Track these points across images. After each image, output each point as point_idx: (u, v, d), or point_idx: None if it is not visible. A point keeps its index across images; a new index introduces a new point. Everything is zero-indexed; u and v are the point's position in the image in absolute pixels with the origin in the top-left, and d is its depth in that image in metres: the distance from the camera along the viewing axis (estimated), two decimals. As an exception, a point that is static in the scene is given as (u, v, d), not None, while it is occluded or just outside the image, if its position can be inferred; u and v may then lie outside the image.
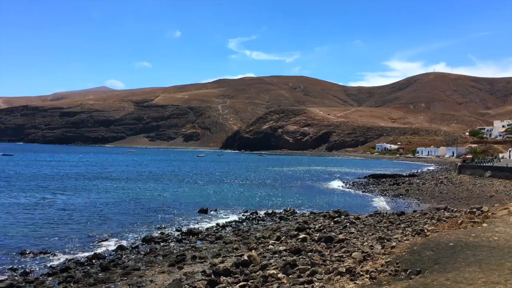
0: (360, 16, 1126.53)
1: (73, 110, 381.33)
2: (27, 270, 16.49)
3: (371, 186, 54.96)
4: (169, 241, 21.77)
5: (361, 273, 13.07)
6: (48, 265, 17.34)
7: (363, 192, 48.80)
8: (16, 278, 15.63)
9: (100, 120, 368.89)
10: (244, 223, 27.29)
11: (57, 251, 19.42)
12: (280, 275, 13.76)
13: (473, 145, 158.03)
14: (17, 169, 72.76)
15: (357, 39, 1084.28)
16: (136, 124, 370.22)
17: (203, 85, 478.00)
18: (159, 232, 24.04)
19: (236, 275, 14.40)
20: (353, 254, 15.62)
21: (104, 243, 21.36)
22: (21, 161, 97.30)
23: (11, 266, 16.87)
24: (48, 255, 18.75)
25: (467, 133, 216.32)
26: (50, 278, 15.57)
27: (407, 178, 65.09)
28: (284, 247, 18.31)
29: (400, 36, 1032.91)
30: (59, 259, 18.30)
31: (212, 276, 14.28)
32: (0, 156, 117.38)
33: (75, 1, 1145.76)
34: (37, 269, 16.84)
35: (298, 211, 31.78)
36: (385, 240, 18.08)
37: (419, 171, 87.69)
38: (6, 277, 15.78)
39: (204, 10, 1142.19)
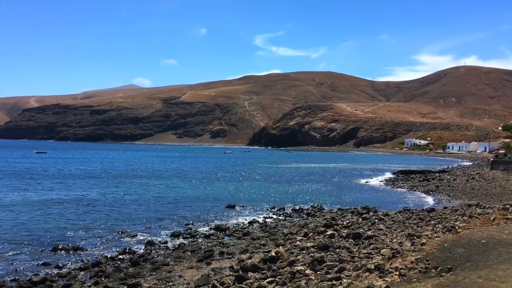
0: (387, 10, 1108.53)
1: (102, 108, 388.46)
2: (60, 264, 16.91)
3: (400, 182, 54.19)
4: (197, 237, 21.97)
5: (390, 270, 12.92)
6: (80, 259, 17.75)
7: (392, 188, 48.16)
8: (50, 272, 16.05)
9: (129, 118, 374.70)
10: (271, 219, 27.30)
11: (88, 246, 19.84)
12: (308, 271, 13.73)
13: (506, 140, 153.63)
14: (49, 166, 74.64)
15: (383, 33, 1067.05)
16: (164, 121, 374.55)
17: (230, 82, 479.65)
18: (187, 228, 24.29)
19: (263, 271, 14.43)
20: (382, 251, 15.44)
21: (133, 238, 21.71)
22: (53, 159, 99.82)
23: (44, 261, 17.32)
24: (79, 250, 19.16)
25: (499, 128, 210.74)
26: (82, 273, 15.93)
27: (437, 174, 63.85)
28: (312, 244, 18.23)
29: (430, 29, 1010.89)
30: (90, 254, 18.70)
31: (240, 272, 14.34)
32: (34, 154, 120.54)
33: (105, 1, 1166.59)
34: (69, 263, 17.25)
35: (325, 208, 31.59)
36: (415, 237, 17.80)
37: (449, 167, 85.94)
38: (40, 271, 16.23)
39: (229, 7, 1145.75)
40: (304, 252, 17.03)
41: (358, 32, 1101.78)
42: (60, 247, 19.32)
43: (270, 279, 13.21)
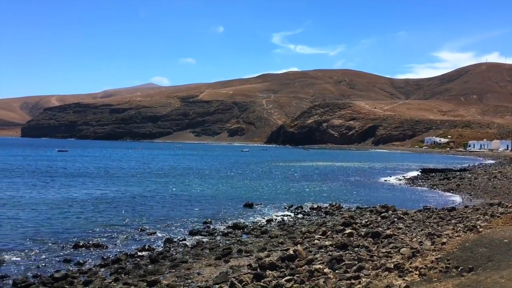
0: (405, 6, 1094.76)
1: (122, 107, 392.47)
2: (81, 261, 17.17)
3: (419, 180, 53.56)
4: (215, 234, 22.07)
5: (410, 269, 12.78)
6: (100, 256, 17.99)
7: (411, 186, 47.64)
8: (71, 268, 16.30)
9: (148, 116, 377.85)
10: (289, 218, 27.27)
11: (108, 244, 20.09)
12: (326, 270, 13.66)
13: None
14: (69, 164, 75.75)
15: (401, 30, 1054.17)
16: (182, 119, 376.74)
17: (247, 80, 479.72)
18: (205, 226, 24.41)
19: (281, 269, 14.42)
20: (402, 250, 15.28)
21: (152, 236, 21.91)
22: (74, 157, 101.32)
23: (65, 258, 17.60)
24: (99, 247, 19.42)
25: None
26: (102, 269, 16.15)
27: (458, 173, 62.89)
28: (330, 242, 18.15)
29: (450, 26, 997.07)
30: (110, 251, 18.94)
31: (258, 270, 14.36)
32: (56, 152, 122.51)
33: (124, 1, 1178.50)
34: (90, 260, 17.50)
35: (344, 206, 31.42)
36: (435, 236, 17.57)
37: (470, 165, 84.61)
38: (61, 268, 16.51)
39: (247, 5, 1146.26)
40: (322, 250, 16.96)
41: (376, 29, 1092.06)
42: (80, 244, 19.60)
43: (288, 277, 13.19)
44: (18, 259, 17.47)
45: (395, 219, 23.53)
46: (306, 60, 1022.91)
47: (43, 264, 16.86)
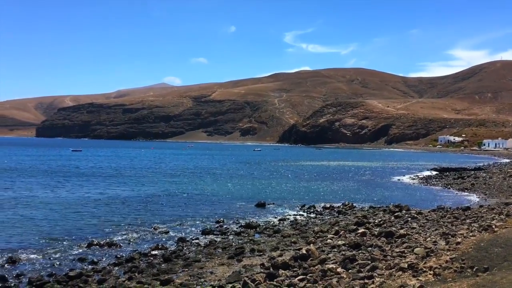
0: (417, 4, 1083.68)
1: (135, 107, 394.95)
2: (95, 260, 17.33)
3: (433, 180, 53.10)
4: (228, 234, 22.11)
5: (424, 269, 12.68)
6: (114, 255, 18.13)
7: (425, 186, 47.26)
8: (85, 267, 16.47)
9: (160, 116, 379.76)
10: (302, 217, 27.22)
11: (122, 242, 20.25)
12: (339, 269, 13.61)
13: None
14: (83, 164, 76.43)
15: (414, 28, 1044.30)
16: (195, 119, 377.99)
17: (259, 80, 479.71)
18: (217, 225, 24.47)
19: (294, 269, 14.40)
20: (416, 249, 15.17)
21: (165, 235, 22.02)
22: (88, 157, 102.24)
23: (80, 256, 17.77)
24: (113, 246, 19.58)
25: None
26: (116, 268, 16.28)
27: (473, 172, 62.25)
28: (343, 242, 18.09)
29: (464, 23, 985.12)
30: (123, 250, 19.08)
31: (271, 269, 14.35)
32: (70, 152, 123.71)
33: (136, 1, 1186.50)
34: (104, 259, 17.65)
35: (356, 205, 31.28)
36: (450, 236, 17.41)
37: (485, 164, 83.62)
38: (76, 266, 16.67)
39: (258, 5, 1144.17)
40: (335, 250, 16.91)
41: (389, 27, 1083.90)
42: (94, 243, 19.78)
43: (301, 277, 13.16)
44: (33, 257, 17.69)
45: (409, 219, 23.36)
46: (318, 59, 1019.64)
47: (58, 263, 17.05)
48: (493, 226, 18.23)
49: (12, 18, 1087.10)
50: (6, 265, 16.62)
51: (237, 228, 23.40)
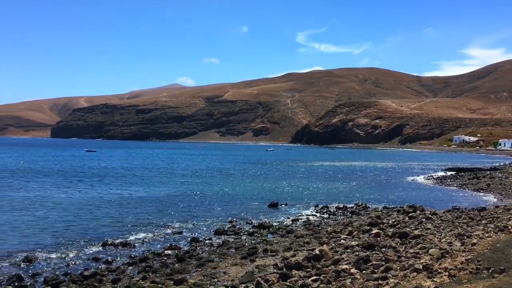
0: (431, 3, 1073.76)
1: (148, 107, 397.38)
2: (109, 259, 17.47)
3: (448, 180, 52.57)
4: (241, 234, 22.14)
5: (439, 270, 12.55)
6: (128, 255, 18.27)
7: (440, 186, 46.82)
8: (99, 267, 16.62)
9: (173, 116, 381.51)
10: (315, 218, 27.15)
11: (135, 242, 20.39)
12: (353, 270, 13.53)
13: None
14: (97, 165, 77.12)
15: (428, 27, 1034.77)
16: (207, 119, 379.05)
17: (272, 80, 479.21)
18: (230, 225, 24.51)
19: (308, 269, 14.36)
20: (430, 250, 15.02)
21: (179, 235, 22.12)
22: (102, 157, 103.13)
23: (94, 256, 17.94)
24: (127, 246, 19.72)
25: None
26: (130, 268, 16.40)
27: (488, 172, 61.50)
28: (357, 242, 17.99)
29: (479, 21, 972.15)
30: (137, 250, 19.22)
31: (284, 270, 14.33)
32: (84, 153, 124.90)
33: (149, 2, 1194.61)
34: (118, 258, 17.79)
35: (370, 206, 31.10)
36: (465, 237, 17.21)
37: (501, 164, 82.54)
38: (90, 266, 16.83)
39: (271, 4, 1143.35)
40: (349, 250, 16.82)
41: (402, 26, 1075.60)
42: (109, 243, 19.96)
43: (315, 277, 13.12)
44: (49, 257, 17.90)
45: (423, 219, 23.15)
46: (330, 58, 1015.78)
47: (73, 262, 17.23)
48: (510, 227, 17.99)
49: (27, 20, 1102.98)
50: (22, 265, 16.85)
51: (250, 229, 23.41)
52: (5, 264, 16.91)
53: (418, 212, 25.94)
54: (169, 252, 18.52)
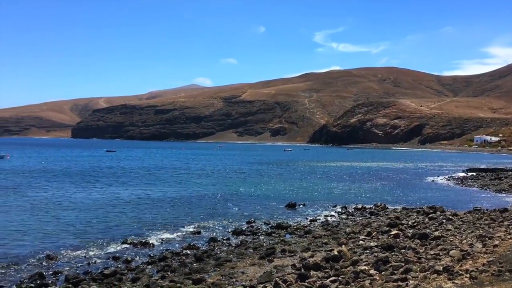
0: (451, 0, 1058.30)
1: (166, 108, 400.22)
2: (129, 258, 17.65)
3: (469, 180, 51.75)
4: (259, 234, 22.15)
5: (460, 272, 12.37)
6: (147, 254, 18.45)
7: (460, 187, 46.14)
8: (119, 265, 16.81)
9: (191, 117, 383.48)
10: (333, 218, 27.01)
11: (154, 242, 20.57)
12: (372, 271, 13.43)
13: None
14: (116, 164, 78.00)
15: (447, 26, 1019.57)
16: (225, 120, 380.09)
17: (289, 80, 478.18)
18: (248, 225, 24.56)
19: (326, 270, 14.29)
20: (451, 252, 14.82)
21: (197, 235, 22.24)
22: (122, 157, 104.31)
23: (114, 255, 18.15)
24: (146, 245, 19.92)
25: None
26: (149, 267, 16.55)
27: (511, 172, 60.33)
28: (375, 243, 17.85)
29: (500, 19, 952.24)
30: (156, 249, 19.39)
31: (302, 270, 14.29)
32: (104, 153, 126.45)
33: (167, 2, 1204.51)
34: (137, 258, 17.97)
35: (389, 207, 30.80)
36: (487, 238, 16.95)
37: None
38: (110, 264, 17.04)
39: (288, 4, 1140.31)
40: (368, 251, 16.70)
41: (421, 25, 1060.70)
42: (128, 242, 20.20)
43: (333, 278, 13.06)
44: (70, 256, 18.19)
45: (444, 221, 22.86)
46: (348, 58, 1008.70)
47: (93, 261, 17.46)
48: (533, 229, 17.64)
49: (49, 22, 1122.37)
50: (44, 263, 17.16)
51: (267, 229, 23.41)
52: (27, 262, 17.22)
53: (438, 213, 25.60)
54: (188, 251, 18.63)
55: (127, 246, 19.82)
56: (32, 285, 14.46)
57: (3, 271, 16.12)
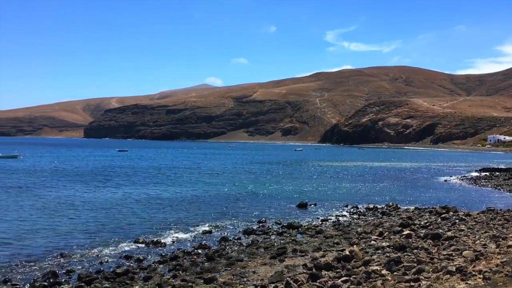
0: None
1: (177, 108, 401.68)
2: (140, 257, 17.75)
3: (482, 180, 51.22)
4: (270, 234, 22.13)
5: (474, 272, 12.25)
6: (158, 253, 18.54)
7: (474, 187, 45.68)
8: (131, 265, 16.91)
9: (202, 116, 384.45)
10: (345, 218, 26.90)
11: (166, 241, 20.67)
12: (384, 271, 13.35)
13: None
14: (127, 164, 78.47)
15: (460, 24, 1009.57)
16: (236, 119, 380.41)
17: (300, 79, 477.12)
18: (259, 225, 24.56)
19: (337, 270, 14.24)
20: (464, 252, 14.69)
21: (208, 234, 22.29)
22: (134, 157, 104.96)
23: (126, 254, 18.27)
24: (157, 244, 20.01)
25: None
26: (161, 266, 16.62)
27: (525, 172, 59.57)
28: (387, 243, 17.74)
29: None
30: (168, 248, 19.47)
31: (314, 270, 14.25)
32: (116, 152, 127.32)
33: (179, 3, 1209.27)
34: (149, 257, 18.06)
35: (401, 207, 30.59)
36: (500, 239, 16.76)
37: (538, 164, 79.85)
38: (122, 263, 17.16)
39: (299, 3, 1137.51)
40: (380, 251, 16.61)
41: (434, 23, 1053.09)
42: (140, 241, 20.33)
43: (345, 278, 13.00)
44: (82, 254, 18.34)
45: (457, 221, 22.65)
46: (360, 57, 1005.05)
47: (105, 260, 17.59)
48: (548, 229, 17.40)
49: (61, 23, 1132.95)
50: (57, 261, 17.32)
51: (279, 228, 23.38)
52: (40, 260, 17.40)
53: (451, 213, 25.38)
54: (199, 251, 18.68)
55: (139, 245, 19.93)
56: (46, 283, 14.59)
57: (17, 269, 16.31)
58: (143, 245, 19.89)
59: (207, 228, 23.42)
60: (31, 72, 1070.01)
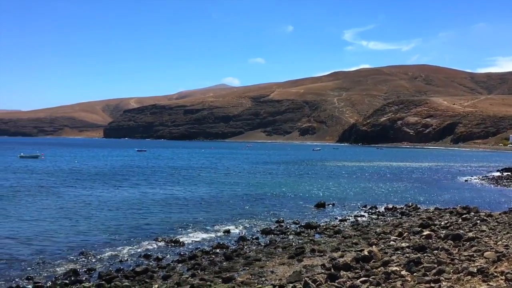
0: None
1: (195, 108, 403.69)
2: (159, 256, 17.91)
3: (505, 180, 50.32)
4: (288, 233, 22.10)
5: (495, 274, 12.03)
6: (177, 252, 18.68)
7: (495, 187, 44.90)
8: (150, 263, 17.07)
9: (220, 116, 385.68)
10: (363, 218, 26.71)
11: (184, 240, 20.80)
12: (403, 272, 13.20)
13: None
14: (146, 164, 79.14)
15: (480, 22, 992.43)
16: (253, 119, 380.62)
17: (318, 79, 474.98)
18: (277, 224, 24.53)
19: (356, 270, 14.13)
20: (486, 253, 14.43)
21: (226, 234, 22.36)
22: (151, 157, 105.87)
23: (145, 253, 18.45)
24: (176, 243, 20.17)
25: None
26: (180, 265, 16.75)
27: (548, 172, 58.35)
28: (407, 244, 17.54)
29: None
30: (186, 248, 19.60)
31: (332, 270, 14.17)
32: (135, 152, 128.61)
33: (197, 3, 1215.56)
34: (168, 256, 18.21)
35: (421, 207, 30.25)
36: (523, 240, 16.42)
37: (562, 164, 78.08)
38: (142, 262, 17.33)
39: (316, 3, 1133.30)
40: (399, 252, 16.43)
41: (454, 21, 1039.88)
42: (159, 240, 20.52)
43: (364, 278, 12.90)
44: (102, 253, 18.58)
45: (478, 221, 22.28)
46: (378, 56, 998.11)
47: (125, 259, 17.79)
48: None
49: (83, 24, 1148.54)
50: (77, 260, 17.58)
51: (297, 228, 23.33)
52: (61, 259, 17.68)
53: (472, 213, 24.98)
54: (217, 250, 18.76)
55: (158, 244, 20.11)
56: (67, 281, 14.83)
57: (38, 267, 16.61)
58: (162, 244, 20.06)
59: (225, 228, 23.49)
60: (52, 74, 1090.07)
